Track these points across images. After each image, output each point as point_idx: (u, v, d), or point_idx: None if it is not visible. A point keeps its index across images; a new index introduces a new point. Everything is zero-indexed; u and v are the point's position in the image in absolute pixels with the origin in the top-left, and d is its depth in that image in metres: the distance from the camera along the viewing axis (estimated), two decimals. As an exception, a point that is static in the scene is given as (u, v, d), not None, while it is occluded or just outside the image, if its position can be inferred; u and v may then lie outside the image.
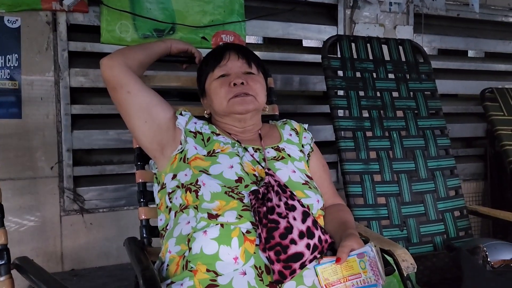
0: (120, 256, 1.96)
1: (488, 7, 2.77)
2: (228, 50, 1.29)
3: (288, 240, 1.02)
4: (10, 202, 1.78)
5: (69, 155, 1.90)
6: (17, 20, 1.79)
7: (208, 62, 1.31)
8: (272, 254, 1.01)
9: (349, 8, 2.39)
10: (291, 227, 1.04)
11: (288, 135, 1.33)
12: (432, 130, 1.99)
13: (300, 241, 1.04)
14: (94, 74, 1.93)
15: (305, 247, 1.03)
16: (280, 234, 1.03)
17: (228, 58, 1.27)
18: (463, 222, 1.91)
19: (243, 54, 1.29)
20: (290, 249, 1.02)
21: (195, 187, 1.10)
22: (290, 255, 1.01)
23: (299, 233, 1.04)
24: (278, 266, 1.00)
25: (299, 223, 1.06)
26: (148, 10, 1.96)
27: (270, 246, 1.02)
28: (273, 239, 1.02)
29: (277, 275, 1.00)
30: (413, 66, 2.08)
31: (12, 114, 1.80)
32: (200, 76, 1.33)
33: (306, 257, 1.03)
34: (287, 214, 1.06)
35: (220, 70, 1.26)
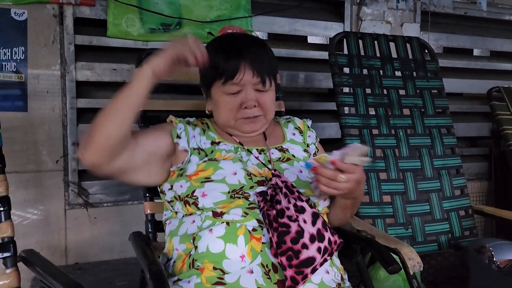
0: (124, 251, 1.96)
1: (495, 5, 2.75)
2: (243, 60, 1.14)
3: (300, 245, 1.00)
4: (15, 195, 1.77)
5: (74, 149, 1.89)
6: (24, 12, 1.78)
7: (219, 63, 1.15)
8: (284, 260, 0.99)
9: (356, 5, 2.37)
10: (302, 231, 1.02)
11: (292, 134, 1.31)
12: (438, 128, 1.98)
13: (311, 245, 1.01)
14: (100, 68, 1.93)
15: (316, 251, 1.02)
16: (291, 239, 1.00)
17: (243, 73, 1.14)
18: (468, 222, 1.90)
19: (258, 69, 1.15)
20: (302, 254, 1.00)
21: (192, 199, 1.08)
22: (302, 260, 0.99)
23: (310, 237, 1.02)
24: (291, 272, 0.98)
25: (309, 226, 1.04)
26: (155, 4, 1.96)
27: (282, 251, 0.99)
28: (284, 244, 1.00)
29: (290, 281, 0.98)
30: (421, 64, 2.07)
31: (17, 107, 1.80)
32: (205, 73, 1.21)
33: (318, 261, 1.02)
34: (297, 217, 1.04)
35: (232, 87, 1.15)
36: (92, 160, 1.03)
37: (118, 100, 1.02)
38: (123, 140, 1.04)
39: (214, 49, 1.20)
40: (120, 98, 1.02)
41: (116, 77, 1.96)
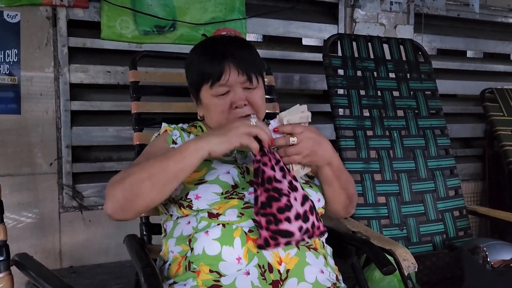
0: (118, 254, 1.95)
1: (488, 7, 2.77)
2: (226, 61, 1.14)
3: (284, 217, 1.01)
4: (9, 198, 1.76)
5: (68, 152, 1.88)
6: (17, 15, 1.77)
7: (203, 68, 1.16)
8: (263, 221, 1.00)
9: (350, 7, 2.38)
10: (291, 206, 1.02)
11: None
12: (432, 129, 1.99)
13: (294, 222, 1.02)
14: (94, 70, 1.92)
15: (297, 229, 1.02)
16: (278, 208, 1.00)
17: (229, 73, 1.14)
18: (462, 222, 1.91)
19: (243, 68, 1.15)
20: (283, 224, 1.00)
21: (186, 202, 1.08)
22: (280, 230, 1.00)
23: (296, 215, 1.03)
24: (266, 233, 0.99)
25: (298, 205, 1.04)
26: (149, 6, 1.95)
27: (264, 213, 1.00)
28: (270, 208, 1.00)
29: (262, 240, 0.99)
30: (414, 66, 2.08)
31: (11, 109, 1.79)
32: (193, 77, 1.21)
33: (296, 238, 1.03)
34: (289, 193, 1.04)
35: (220, 88, 1.15)
36: (125, 219, 1.03)
37: (165, 169, 0.98)
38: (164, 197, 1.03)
39: (198, 54, 1.21)
40: (167, 167, 0.98)
41: (110, 79, 1.95)
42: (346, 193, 1.19)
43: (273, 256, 1.02)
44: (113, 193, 1.01)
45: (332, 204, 1.20)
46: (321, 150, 1.07)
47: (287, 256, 1.03)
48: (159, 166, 0.99)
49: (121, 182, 1.00)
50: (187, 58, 1.27)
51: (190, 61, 1.25)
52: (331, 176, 1.14)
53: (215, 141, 0.99)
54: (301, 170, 1.09)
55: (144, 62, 1.67)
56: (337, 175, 1.15)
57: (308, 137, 1.04)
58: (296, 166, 1.08)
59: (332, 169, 1.13)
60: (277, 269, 1.01)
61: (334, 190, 1.17)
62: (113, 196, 1.01)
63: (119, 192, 1.00)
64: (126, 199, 0.99)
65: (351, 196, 1.22)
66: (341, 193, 1.18)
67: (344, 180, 1.18)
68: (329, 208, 1.22)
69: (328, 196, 1.19)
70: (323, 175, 1.14)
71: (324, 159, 1.09)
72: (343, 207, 1.22)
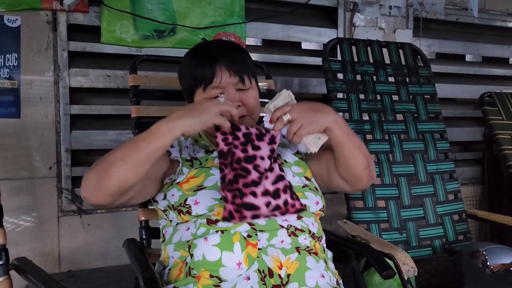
0: (117, 258, 1.94)
1: (487, 11, 2.78)
2: (218, 64, 1.15)
3: (249, 191, 1.04)
4: (8, 202, 1.75)
5: (68, 156, 1.88)
6: (17, 19, 1.78)
7: (195, 72, 1.17)
8: (229, 195, 1.03)
9: (349, 11, 2.39)
10: (258, 183, 1.06)
11: (282, 137, 1.31)
12: (431, 133, 2.00)
13: (261, 197, 1.05)
14: (93, 75, 1.93)
15: (264, 204, 1.05)
16: (244, 183, 1.04)
17: (221, 76, 1.15)
18: (462, 226, 1.91)
19: (235, 69, 1.16)
20: (247, 198, 1.04)
21: (185, 208, 1.08)
22: (244, 203, 1.03)
23: (264, 191, 1.06)
24: (231, 207, 1.02)
25: (268, 183, 1.07)
26: (149, 11, 1.96)
27: (231, 188, 1.03)
28: (236, 184, 1.04)
29: (227, 213, 1.02)
30: (413, 70, 2.09)
31: (10, 113, 1.79)
32: (186, 82, 1.22)
33: (262, 212, 1.05)
34: (264, 172, 1.07)
35: (213, 91, 1.15)
36: (99, 203, 1.03)
37: (138, 150, 0.99)
38: (137, 183, 1.03)
39: (190, 58, 1.22)
40: (140, 148, 0.99)
41: (110, 84, 1.95)
42: (362, 153, 1.16)
43: (273, 260, 1.02)
44: (88, 175, 1.02)
45: (353, 166, 1.16)
46: (321, 113, 1.08)
47: (288, 261, 1.03)
48: (133, 147, 1.00)
49: (96, 165, 1.02)
50: (180, 64, 1.28)
51: (182, 66, 1.26)
52: (342, 135, 1.11)
53: (189, 122, 1.00)
54: (317, 140, 1.10)
55: (144, 66, 1.67)
56: (346, 132, 1.12)
57: (300, 109, 1.07)
58: (308, 138, 1.08)
59: (340, 128, 1.10)
60: (277, 273, 1.01)
61: (350, 149, 1.13)
62: (88, 177, 1.02)
63: (93, 174, 1.01)
64: (100, 178, 0.99)
65: (368, 157, 1.18)
66: (358, 153, 1.15)
67: (355, 139, 1.15)
68: (350, 174, 1.18)
69: (346, 158, 1.15)
70: (334, 137, 1.11)
71: (329, 120, 1.08)
72: (364, 168, 1.17)
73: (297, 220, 1.10)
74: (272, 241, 1.05)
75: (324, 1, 2.35)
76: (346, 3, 2.38)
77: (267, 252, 1.03)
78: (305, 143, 1.09)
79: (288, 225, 1.08)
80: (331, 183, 1.25)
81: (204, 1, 2.05)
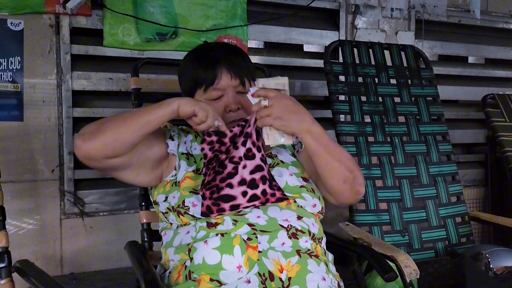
0: (120, 260, 1.95)
1: (489, 13, 2.78)
2: (219, 66, 1.18)
3: (225, 184, 1.07)
4: (10, 204, 1.76)
5: (70, 158, 1.89)
6: (20, 23, 1.79)
7: (197, 73, 1.20)
8: (207, 193, 1.07)
9: (351, 13, 2.39)
10: (235, 174, 1.08)
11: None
12: (433, 135, 1.99)
13: (237, 187, 1.07)
14: (96, 78, 1.93)
15: (240, 193, 1.07)
16: (221, 178, 1.08)
17: (221, 77, 1.18)
18: (464, 228, 1.90)
19: (236, 72, 1.19)
20: (224, 190, 1.07)
21: (183, 209, 1.09)
22: (221, 195, 1.06)
23: (240, 181, 1.08)
24: (208, 202, 1.06)
25: (246, 172, 1.09)
26: (151, 14, 1.97)
27: (209, 186, 1.07)
28: (214, 181, 1.08)
29: (205, 208, 1.06)
30: (415, 72, 2.08)
31: (13, 116, 1.80)
32: (186, 83, 1.24)
33: (239, 202, 1.07)
34: (239, 162, 1.09)
35: (213, 92, 1.18)
36: (90, 152, 1.05)
37: (140, 115, 1.06)
38: (129, 148, 1.07)
39: (191, 60, 1.25)
40: (142, 114, 1.07)
41: (112, 86, 1.96)
42: (342, 165, 1.10)
43: (274, 264, 1.02)
44: (88, 125, 1.08)
45: (330, 179, 1.11)
46: (295, 117, 1.06)
47: (288, 264, 1.03)
48: (135, 112, 1.10)
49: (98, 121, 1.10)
50: (180, 65, 1.30)
51: (183, 67, 1.28)
52: (315, 146, 1.08)
53: (185, 101, 1.08)
54: (279, 137, 1.09)
55: (146, 69, 1.69)
56: (322, 144, 1.08)
57: (281, 102, 1.06)
58: (272, 131, 1.08)
59: (313, 138, 1.08)
60: (278, 277, 1.01)
61: (326, 160, 1.09)
62: (88, 126, 1.08)
63: (93, 124, 1.08)
64: (97, 129, 1.05)
65: (352, 170, 1.11)
66: (336, 165, 1.10)
67: (335, 151, 1.11)
68: (329, 187, 1.14)
69: (322, 169, 1.11)
70: (306, 146, 1.11)
71: (300, 127, 1.07)
72: (342, 181, 1.11)
73: (297, 220, 1.10)
74: (273, 243, 1.05)
75: (326, 3, 2.35)
76: (348, 6, 2.38)
77: (268, 255, 1.03)
78: (265, 132, 1.08)
79: (289, 225, 1.08)
80: (319, 190, 1.22)
81: (206, 4, 2.06)
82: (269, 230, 1.06)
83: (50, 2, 1.80)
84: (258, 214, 1.08)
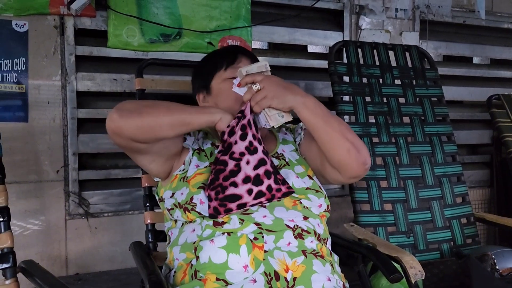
0: (124, 261, 1.95)
1: (494, 14, 2.76)
2: (240, 54, 1.25)
3: (229, 183, 1.07)
4: (15, 205, 1.77)
5: (75, 159, 1.90)
6: (25, 24, 1.80)
7: (216, 60, 1.26)
8: (212, 193, 1.06)
9: (355, 14, 2.39)
10: (238, 171, 1.07)
11: (284, 134, 1.33)
12: (439, 136, 1.98)
13: (242, 185, 1.07)
14: (100, 78, 1.94)
15: (246, 192, 1.07)
16: (224, 176, 1.07)
17: (241, 60, 1.23)
18: (470, 230, 1.89)
19: (253, 59, 1.26)
20: (228, 190, 1.06)
21: (191, 206, 1.09)
22: (227, 195, 1.06)
23: (245, 178, 1.07)
24: (215, 203, 1.06)
25: (249, 168, 1.08)
26: (155, 15, 1.97)
27: (213, 186, 1.06)
28: (217, 181, 1.07)
29: (212, 210, 1.05)
30: (420, 72, 2.08)
31: (18, 117, 1.81)
32: (204, 73, 1.27)
33: (246, 200, 1.07)
34: (241, 157, 1.08)
35: (233, 72, 1.20)
36: (122, 129, 1.05)
37: (183, 114, 1.07)
38: (159, 140, 1.09)
39: (209, 55, 1.32)
40: (184, 113, 1.08)
41: (116, 87, 1.97)
42: (342, 136, 1.09)
43: (280, 263, 1.02)
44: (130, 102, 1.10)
45: (333, 151, 1.10)
46: (289, 92, 1.09)
47: (294, 264, 1.02)
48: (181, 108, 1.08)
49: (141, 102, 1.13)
50: (196, 66, 1.34)
51: (199, 64, 1.32)
52: (313, 118, 1.09)
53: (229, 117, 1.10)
54: (280, 117, 1.10)
55: (150, 70, 1.68)
56: (319, 115, 1.09)
57: (272, 81, 1.09)
58: (272, 112, 1.09)
59: (309, 110, 1.08)
60: (284, 276, 1.00)
61: (326, 131, 1.09)
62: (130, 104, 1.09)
63: (133, 104, 1.09)
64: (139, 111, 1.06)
65: (352, 140, 1.10)
66: (336, 135, 1.09)
67: (333, 121, 1.10)
68: (335, 161, 1.12)
69: (324, 142, 1.10)
70: (305, 120, 1.11)
71: (296, 100, 1.08)
72: (346, 151, 1.09)
73: (303, 220, 1.10)
74: (279, 243, 1.04)
75: (330, 4, 2.35)
76: (352, 6, 2.38)
77: (274, 255, 1.02)
78: (266, 115, 1.09)
79: (295, 225, 1.08)
80: (325, 174, 1.20)
81: (210, 5, 2.06)
82: (275, 230, 1.06)
83: (55, 4, 1.81)
84: (264, 213, 1.08)
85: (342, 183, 1.21)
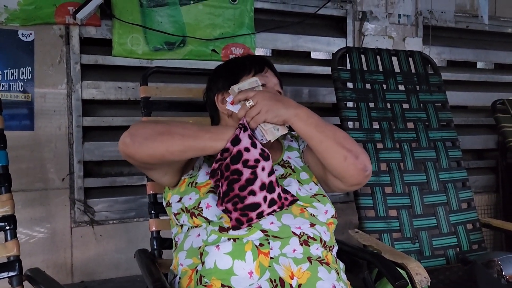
0: (129, 268, 1.95)
1: (497, 18, 2.76)
2: (266, 64, 1.27)
3: (247, 192, 1.04)
4: (21, 213, 1.78)
5: (80, 167, 1.91)
6: (31, 33, 1.82)
7: (245, 64, 1.26)
8: (229, 206, 1.04)
9: (358, 20, 2.40)
10: (255, 178, 1.05)
11: (289, 141, 1.34)
12: (443, 141, 1.98)
13: (259, 193, 1.05)
14: (105, 87, 1.95)
15: (262, 199, 1.05)
16: (240, 186, 1.04)
17: (267, 71, 1.26)
18: (476, 235, 1.88)
19: (277, 75, 1.29)
20: (248, 199, 1.04)
21: (197, 211, 1.10)
22: (247, 205, 1.04)
23: (261, 185, 1.05)
24: (236, 214, 1.03)
25: (265, 174, 1.07)
26: (159, 24, 1.99)
27: (228, 199, 1.04)
28: (232, 192, 1.04)
29: (234, 221, 1.03)
30: (424, 78, 2.08)
31: (24, 126, 1.82)
32: (230, 74, 1.25)
33: (263, 208, 1.06)
34: (256, 164, 1.06)
35: (261, 79, 1.20)
36: (135, 156, 1.06)
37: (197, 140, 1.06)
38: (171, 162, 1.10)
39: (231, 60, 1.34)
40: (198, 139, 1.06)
41: (121, 95, 1.98)
42: (338, 144, 1.10)
43: (285, 270, 1.02)
44: (139, 126, 1.07)
45: (330, 160, 1.11)
46: (282, 105, 1.09)
47: (299, 271, 1.02)
48: (194, 132, 1.07)
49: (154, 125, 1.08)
50: (212, 72, 1.33)
51: (225, 65, 1.32)
52: (306, 127, 1.09)
53: None
54: (275, 131, 1.10)
55: (154, 78, 1.70)
56: (312, 124, 1.09)
57: (264, 96, 1.10)
58: (267, 126, 1.10)
59: (302, 120, 1.09)
60: (289, 283, 1.00)
61: (320, 141, 1.10)
62: (143, 128, 1.07)
63: (147, 129, 1.06)
64: (152, 137, 1.04)
65: (349, 146, 1.11)
66: (331, 144, 1.10)
67: (327, 130, 1.11)
68: (333, 170, 1.13)
69: (320, 151, 1.11)
70: (298, 131, 1.11)
71: (288, 113, 1.09)
72: (343, 159, 1.10)
73: (310, 227, 1.10)
74: (284, 250, 1.05)
75: (333, 10, 2.36)
76: (355, 13, 2.39)
77: (279, 262, 1.03)
78: (262, 130, 1.10)
79: (301, 232, 1.08)
80: (328, 182, 1.21)
81: (213, 13, 2.08)
82: (281, 237, 1.06)
83: (61, 13, 1.83)
84: (271, 220, 1.08)
85: (345, 191, 1.22)
